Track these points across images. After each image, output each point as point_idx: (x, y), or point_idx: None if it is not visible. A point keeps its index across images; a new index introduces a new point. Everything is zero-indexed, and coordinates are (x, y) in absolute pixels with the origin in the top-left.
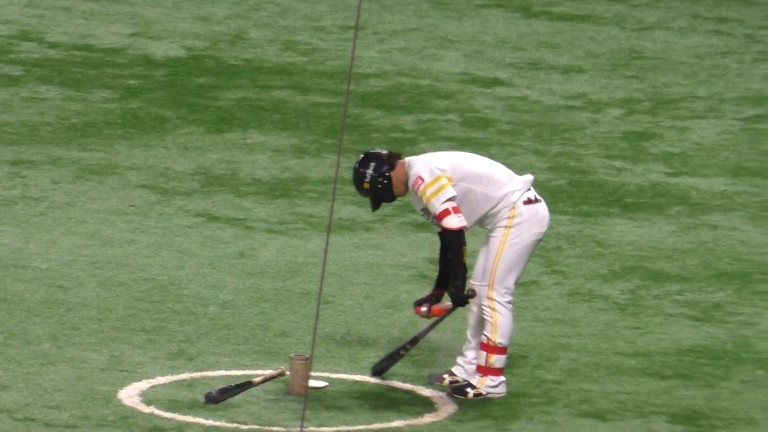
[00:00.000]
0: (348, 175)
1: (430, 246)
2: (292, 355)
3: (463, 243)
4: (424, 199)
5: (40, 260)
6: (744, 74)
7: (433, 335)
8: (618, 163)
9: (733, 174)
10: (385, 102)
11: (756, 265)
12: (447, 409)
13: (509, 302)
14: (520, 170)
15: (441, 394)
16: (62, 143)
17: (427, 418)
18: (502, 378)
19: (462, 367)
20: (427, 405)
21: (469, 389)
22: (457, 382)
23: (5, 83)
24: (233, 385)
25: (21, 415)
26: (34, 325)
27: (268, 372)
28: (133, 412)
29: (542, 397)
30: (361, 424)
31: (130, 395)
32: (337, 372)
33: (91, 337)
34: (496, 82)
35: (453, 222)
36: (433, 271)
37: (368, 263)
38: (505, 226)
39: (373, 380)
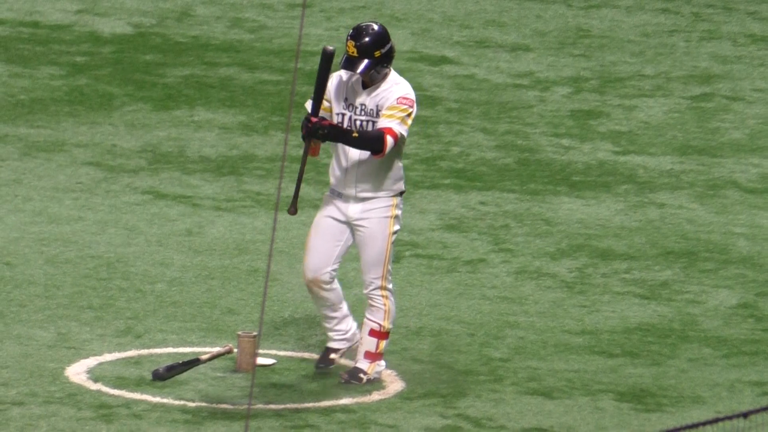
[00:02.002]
0: (296, 152)
1: None
2: (239, 332)
3: (372, 150)
4: (395, 112)
5: None
6: (691, 53)
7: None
8: (565, 142)
9: (681, 152)
10: None
11: (703, 243)
12: (395, 387)
13: (392, 288)
14: (467, 148)
15: (390, 371)
16: (8, 120)
17: (375, 396)
18: (384, 362)
19: (343, 341)
20: (375, 383)
21: (362, 375)
22: (344, 351)
23: None
24: (180, 362)
25: None
26: None
27: (216, 349)
28: (80, 389)
29: (490, 375)
30: (309, 401)
31: (77, 372)
32: (285, 350)
33: (38, 315)
34: (444, 60)
35: (390, 145)
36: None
37: None
38: (389, 216)
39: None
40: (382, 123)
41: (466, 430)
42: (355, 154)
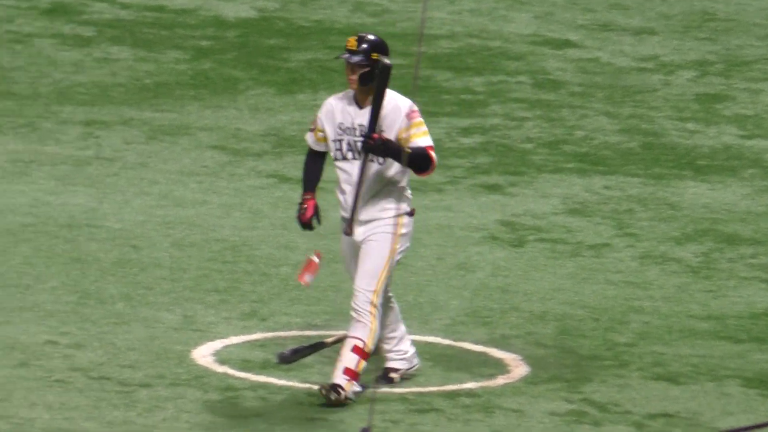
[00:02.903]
0: None
1: (501, 208)
2: None
3: (419, 168)
4: (415, 128)
5: (113, 220)
6: None
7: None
8: (690, 126)
9: None
10: (456, 64)
11: None
12: (519, 371)
13: (381, 311)
14: (591, 132)
15: (514, 356)
16: (134, 104)
17: (500, 380)
18: (359, 387)
19: (403, 361)
20: (500, 367)
21: (341, 390)
22: (404, 372)
23: (78, 44)
24: (305, 345)
25: (96, 374)
26: (107, 284)
27: (340, 333)
28: (206, 372)
29: (615, 360)
30: (433, 385)
31: (203, 355)
32: (409, 333)
33: (164, 297)
34: (567, 43)
35: (435, 158)
36: (504, 233)
37: (439, 225)
38: (394, 233)
39: (446, 342)
40: (417, 144)
41: (591, 415)
42: (354, 179)
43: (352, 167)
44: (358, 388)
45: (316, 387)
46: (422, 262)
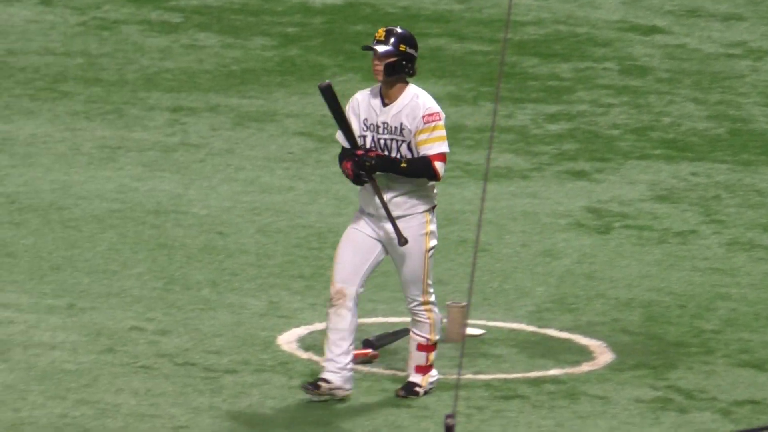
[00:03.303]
0: (506, 122)
1: (588, 194)
2: (449, 302)
3: (430, 179)
4: (427, 133)
5: (199, 206)
6: None
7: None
8: None
9: None
10: (542, 50)
11: None
12: (604, 358)
13: (435, 299)
14: (678, 118)
15: (599, 342)
16: (221, 90)
17: (585, 367)
18: (435, 372)
19: (336, 373)
20: (584, 353)
21: (417, 389)
22: (333, 388)
23: (165, 30)
24: (390, 332)
25: (182, 359)
26: (194, 270)
27: None
28: (291, 358)
29: (701, 346)
30: (518, 372)
31: (288, 341)
32: (494, 320)
33: (250, 283)
34: (655, 29)
35: (441, 169)
36: (591, 220)
37: (525, 211)
38: (424, 233)
39: (530, 328)
40: (424, 151)
41: (678, 402)
42: (384, 175)
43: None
44: (434, 378)
45: (401, 373)
46: (508, 248)
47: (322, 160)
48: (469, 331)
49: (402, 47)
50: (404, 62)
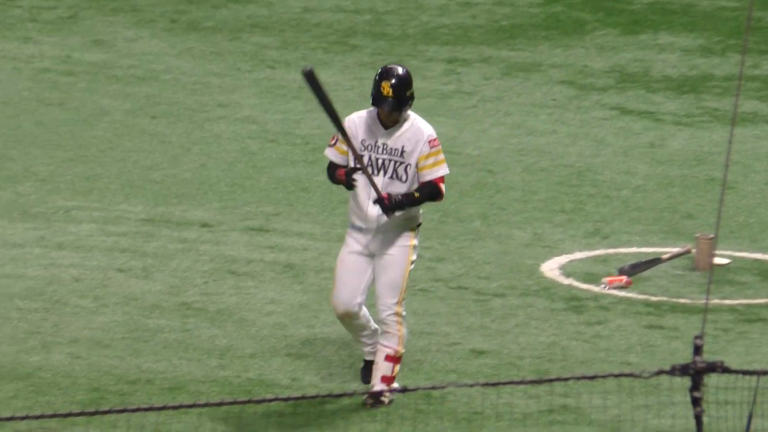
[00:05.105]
0: (752, 72)
1: None
2: (697, 234)
3: (435, 199)
4: (433, 157)
5: (471, 148)
6: None
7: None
8: None
9: None
10: None
11: None
12: None
13: (405, 315)
14: None
15: None
16: (492, 43)
17: None
18: (397, 384)
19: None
20: None
21: (383, 398)
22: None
23: None
24: (643, 261)
25: (455, 284)
26: (465, 205)
27: (676, 250)
28: (553, 284)
29: None
30: (761, 298)
31: (550, 268)
32: (739, 251)
33: (516, 217)
34: None
35: (444, 189)
36: None
37: None
38: (410, 246)
39: None
40: (432, 175)
41: None
42: (374, 193)
43: (355, 186)
44: (396, 386)
45: (653, 298)
46: (752, 186)
47: (582, 106)
48: (717, 260)
49: (408, 93)
50: (401, 104)
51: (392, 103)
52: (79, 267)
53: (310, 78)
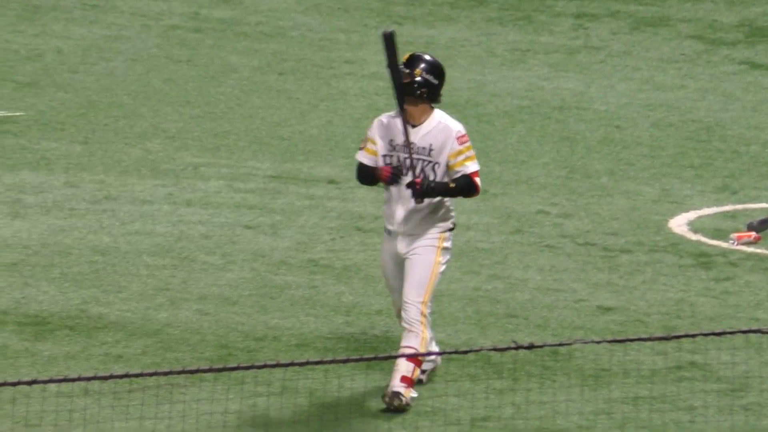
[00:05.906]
0: None
1: None
2: None
3: (468, 195)
4: (463, 153)
5: (599, 103)
6: None
7: None
8: None
9: None
10: None
11: None
12: None
13: (430, 319)
14: None
15: None
16: None
17: None
18: (415, 392)
19: (429, 362)
20: None
21: (402, 398)
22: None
23: None
24: None
25: (582, 240)
26: (593, 160)
27: None
28: (681, 239)
29: None
30: None
31: (678, 224)
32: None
33: (643, 173)
34: None
35: (479, 183)
36: None
37: None
38: (438, 246)
39: None
40: (463, 171)
41: None
42: (406, 194)
43: (401, 183)
44: (414, 394)
45: None
46: None
47: (711, 61)
48: None
49: (417, 72)
50: (420, 89)
51: (415, 87)
52: (207, 224)
53: (389, 41)
